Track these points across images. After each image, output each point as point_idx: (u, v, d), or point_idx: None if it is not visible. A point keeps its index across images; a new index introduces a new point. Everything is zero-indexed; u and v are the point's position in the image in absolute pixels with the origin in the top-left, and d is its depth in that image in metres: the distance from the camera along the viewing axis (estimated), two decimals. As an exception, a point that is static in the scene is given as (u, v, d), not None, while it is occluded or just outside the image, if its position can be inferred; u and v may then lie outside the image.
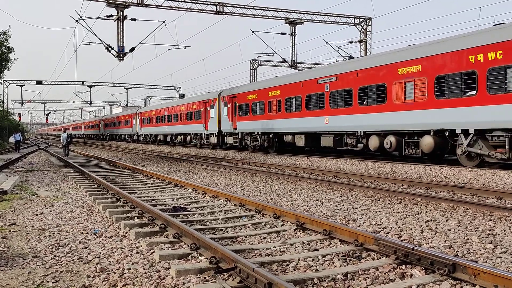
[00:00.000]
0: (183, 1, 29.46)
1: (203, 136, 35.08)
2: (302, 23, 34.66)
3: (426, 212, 7.87)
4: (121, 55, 28.12)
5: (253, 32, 33.91)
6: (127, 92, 72.38)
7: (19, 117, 74.12)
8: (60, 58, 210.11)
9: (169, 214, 7.53)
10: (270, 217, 7.47)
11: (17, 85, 60.70)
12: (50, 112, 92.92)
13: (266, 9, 32.72)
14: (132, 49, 28.65)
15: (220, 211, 8.30)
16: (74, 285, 4.58)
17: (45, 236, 6.72)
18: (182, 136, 40.74)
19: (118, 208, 8.55)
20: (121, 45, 28.02)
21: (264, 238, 6.23)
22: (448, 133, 15.44)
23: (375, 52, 28.77)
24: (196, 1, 29.63)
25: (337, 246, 5.71)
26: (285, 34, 35.30)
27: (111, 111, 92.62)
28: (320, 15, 34.32)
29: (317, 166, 17.29)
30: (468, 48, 14.52)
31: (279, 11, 33.55)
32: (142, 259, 5.32)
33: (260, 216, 7.71)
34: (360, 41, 34.97)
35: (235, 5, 30.92)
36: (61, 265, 5.25)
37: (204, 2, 29.85)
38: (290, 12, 33.98)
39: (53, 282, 4.68)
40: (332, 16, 34.40)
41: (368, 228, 6.75)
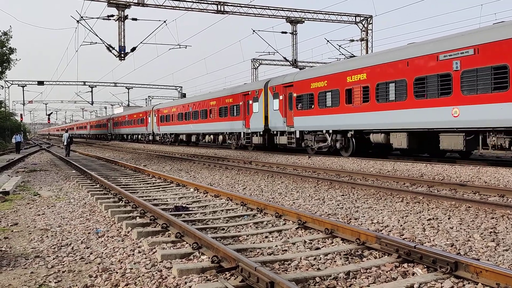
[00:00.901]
0: (184, 1, 29.46)
1: (243, 136, 28.96)
2: (303, 22, 34.62)
3: (428, 210, 7.86)
4: (122, 55, 28.13)
5: (254, 31, 33.90)
6: (129, 92, 72.48)
7: (21, 118, 74.21)
8: (62, 58, 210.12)
9: (171, 214, 7.53)
10: (272, 216, 7.47)
11: (19, 86, 60.80)
12: (52, 113, 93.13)
13: (267, 8, 32.70)
14: (133, 49, 28.66)
15: (222, 211, 8.30)
16: (76, 285, 4.59)
17: (47, 236, 6.73)
18: (212, 136, 34.31)
19: (120, 208, 8.56)
20: (122, 45, 28.02)
21: (266, 237, 6.23)
22: None
23: (376, 51, 27.80)
24: (197, 1, 29.62)
25: (339, 245, 5.71)
26: (286, 33, 35.27)
27: (113, 111, 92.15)
28: (321, 14, 34.29)
29: (319, 165, 17.27)
30: None
31: (280, 10, 33.54)
32: (144, 259, 5.32)
33: (262, 215, 7.71)
34: (361, 40, 34.93)
35: (236, 4, 30.92)
36: (63, 265, 5.26)
37: (205, 2, 29.85)
38: (291, 11, 33.95)
39: (55, 282, 4.69)
40: (333, 15, 34.35)
41: (370, 227, 6.74)
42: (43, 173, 17.17)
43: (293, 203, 9.05)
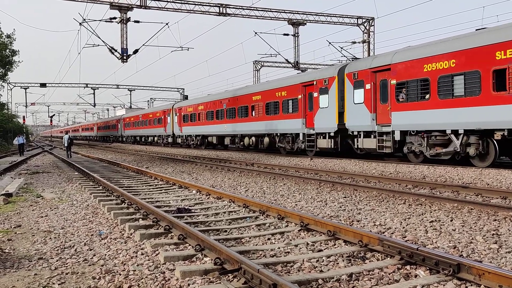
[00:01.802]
0: (186, 3, 29.54)
1: (302, 137, 23.25)
2: (305, 24, 34.67)
3: (431, 213, 7.86)
4: (125, 57, 28.21)
5: (256, 33, 33.95)
6: (131, 94, 72.57)
7: (24, 120, 74.35)
8: (64, 61, 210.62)
9: (174, 216, 7.55)
10: (274, 218, 7.47)
11: (22, 88, 61.00)
12: (54, 115, 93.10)
13: (269, 10, 32.75)
14: (136, 51, 28.72)
15: (224, 213, 8.31)
16: (80, 287, 4.60)
17: (51, 238, 6.75)
18: (254, 138, 28.23)
19: (123, 210, 8.58)
20: (125, 47, 28.11)
21: (269, 239, 6.24)
22: None
23: (379, 53, 26.44)
24: (199, 3, 29.69)
25: (342, 247, 5.72)
26: (288, 35, 35.31)
27: (115, 113, 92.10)
28: (323, 16, 34.32)
29: (321, 167, 17.28)
30: None
31: (282, 12, 33.58)
32: (147, 261, 5.34)
33: (264, 217, 7.72)
34: (363, 42, 34.95)
35: (238, 7, 30.99)
36: (67, 267, 5.28)
37: (207, 4, 29.93)
38: (293, 13, 33.99)
39: (59, 284, 4.70)
40: (335, 17, 34.39)
41: (373, 229, 6.74)
42: (46, 175, 17.21)
43: (296, 205, 9.06)
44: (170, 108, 44.03)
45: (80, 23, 27.23)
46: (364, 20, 35.10)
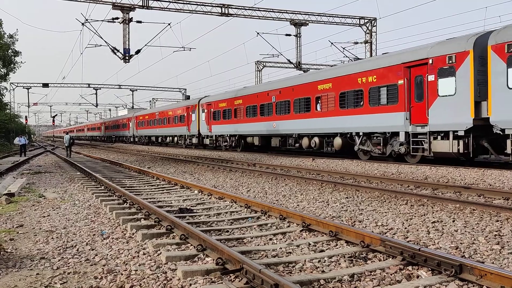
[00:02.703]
0: (188, 3, 29.56)
1: (404, 137, 16.82)
2: (307, 24, 34.64)
3: (433, 213, 7.84)
4: (127, 58, 28.24)
5: (258, 34, 33.94)
6: (133, 94, 72.60)
7: (26, 120, 74.52)
8: (67, 61, 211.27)
9: (176, 216, 7.56)
10: (276, 219, 7.47)
11: (24, 88, 61.12)
12: (56, 115, 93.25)
13: (271, 11, 32.74)
14: (138, 52, 28.77)
15: (226, 213, 8.31)
16: (82, 287, 4.61)
17: (53, 238, 6.76)
18: (317, 139, 22.07)
19: (125, 210, 8.59)
20: (127, 48, 28.14)
21: (270, 240, 6.25)
22: None
23: (381, 53, 25.67)
24: (201, 3, 29.72)
25: (343, 247, 5.71)
26: (290, 36, 35.28)
27: (117, 113, 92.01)
28: (325, 16, 34.29)
29: (323, 167, 17.27)
30: None
31: (284, 13, 33.56)
32: (149, 261, 5.34)
33: (266, 218, 7.72)
34: (366, 42, 34.92)
35: (240, 7, 30.99)
36: (69, 267, 5.28)
37: (209, 4, 29.94)
38: (295, 14, 33.97)
39: (61, 284, 4.71)
40: (337, 17, 34.36)
41: (374, 229, 6.74)
42: (48, 175, 17.24)
43: (297, 206, 9.06)
44: (196, 104, 37.15)
45: (83, 23, 27.29)
46: (366, 21, 35.07)
